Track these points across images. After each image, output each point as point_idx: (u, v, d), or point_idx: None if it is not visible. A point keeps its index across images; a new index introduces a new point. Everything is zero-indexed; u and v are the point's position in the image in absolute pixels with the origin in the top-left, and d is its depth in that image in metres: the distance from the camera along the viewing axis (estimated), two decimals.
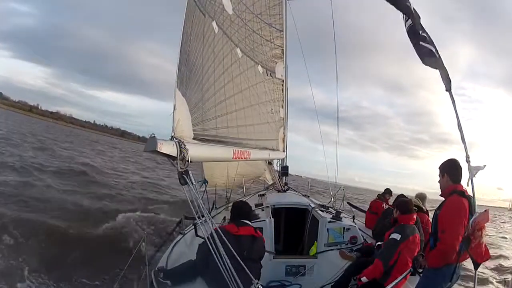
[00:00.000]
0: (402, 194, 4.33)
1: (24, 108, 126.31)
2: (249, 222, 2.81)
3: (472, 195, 2.49)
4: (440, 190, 2.57)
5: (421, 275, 2.62)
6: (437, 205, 2.55)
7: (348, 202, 6.49)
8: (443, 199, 2.52)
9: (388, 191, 5.61)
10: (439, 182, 2.58)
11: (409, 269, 2.74)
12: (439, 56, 2.89)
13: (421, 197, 4.23)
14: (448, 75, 2.91)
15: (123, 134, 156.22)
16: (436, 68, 2.91)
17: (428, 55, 2.87)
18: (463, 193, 2.41)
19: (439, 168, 2.58)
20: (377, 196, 5.65)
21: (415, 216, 3.17)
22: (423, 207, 4.05)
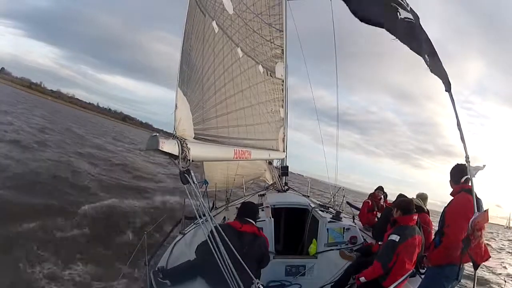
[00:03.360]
0: (402, 194, 4.30)
1: (24, 84, 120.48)
2: (253, 222, 2.85)
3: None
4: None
5: (422, 276, 2.62)
6: (438, 216, 2.72)
7: (347, 202, 6.48)
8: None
9: (380, 188, 5.56)
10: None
11: (409, 271, 2.74)
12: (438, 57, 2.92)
13: (422, 197, 4.14)
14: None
15: (124, 118, 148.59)
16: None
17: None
18: (469, 191, 2.50)
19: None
20: (369, 196, 5.59)
21: (415, 217, 3.13)
22: (424, 208, 3.96)
